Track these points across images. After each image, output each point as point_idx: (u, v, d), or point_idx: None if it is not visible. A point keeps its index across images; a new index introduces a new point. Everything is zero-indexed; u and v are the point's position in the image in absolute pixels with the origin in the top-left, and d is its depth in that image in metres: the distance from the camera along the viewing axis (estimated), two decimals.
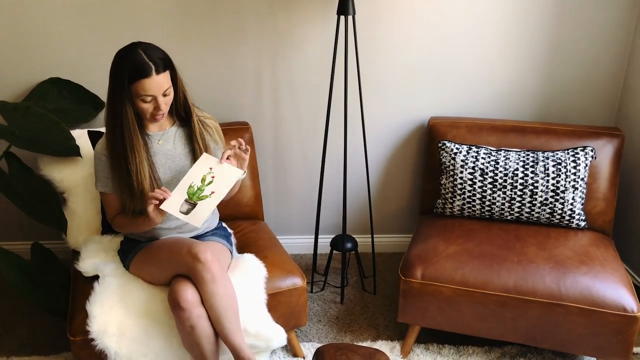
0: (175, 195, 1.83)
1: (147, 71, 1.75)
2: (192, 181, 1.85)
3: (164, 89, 1.80)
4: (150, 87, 1.77)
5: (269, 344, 1.95)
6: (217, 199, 1.85)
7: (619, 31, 2.56)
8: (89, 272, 2.00)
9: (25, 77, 2.49)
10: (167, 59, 1.82)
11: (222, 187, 1.86)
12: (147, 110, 1.82)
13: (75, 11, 2.42)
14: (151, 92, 1.78)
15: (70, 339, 1.84)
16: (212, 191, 1.85)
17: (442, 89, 2.65)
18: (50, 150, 2.18)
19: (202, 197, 1.84)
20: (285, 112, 2.66)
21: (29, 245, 2.32)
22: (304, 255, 2.90)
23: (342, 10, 2.24)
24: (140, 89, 1.76)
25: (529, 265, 2.04)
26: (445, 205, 2.41)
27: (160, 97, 1.80)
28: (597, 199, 2.34)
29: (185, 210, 1.82)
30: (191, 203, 1.82)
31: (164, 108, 1.83)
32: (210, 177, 1.86)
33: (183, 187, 1.85)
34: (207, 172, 1.87)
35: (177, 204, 1.82)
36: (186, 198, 1.83)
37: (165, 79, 1.80)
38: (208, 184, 1.86)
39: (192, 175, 1.86)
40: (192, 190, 1.84)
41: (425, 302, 2.08)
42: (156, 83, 1.77)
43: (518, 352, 2.22)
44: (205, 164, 1.89)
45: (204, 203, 1.83)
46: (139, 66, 1.75)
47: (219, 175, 1.87)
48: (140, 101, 1.80)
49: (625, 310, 1.91)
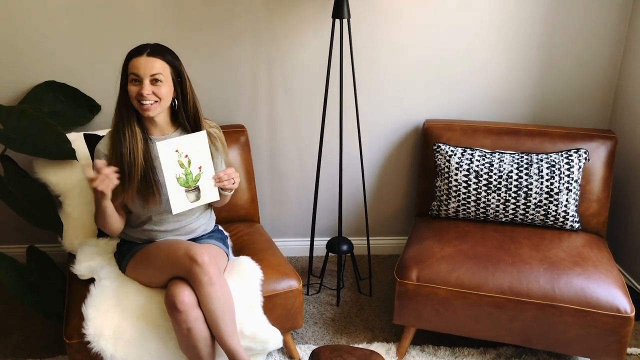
0: (174, 195, 1.82)
1: (140, 50, 1.82)
2: (175, 174, 1.83)
3: (152, 72, 1.80)
4: (138, 64, 1.80)
5: (265, 347, 1.95)
6: (210, 168, 1.85)
7: (612, 34, 2.58)
8: (84, 275, 2.00)
9: (20, 80, 2.49)
10: (173, 60, 1.86)
11: (202, 156, 1.85)
12: (133, 94, 1.82)
13: (71, 14, 2.42)
14: (137, 71, 1.80)
15: (66, 342, 1.84)
16: (198, 166, 1.84)
17: (437, 91, 2.66)
18: (46, 154, 2.18)
19: (196, 178, 1.83)
20: (281, 114, 2.67)
21: (24, 248, 2.32)
22: (299, 257, 2.90)
23: (338, 13, 2.25)
24: (130, 67, 1.81)
25: (524, 267, 2.05)
26: (440, 207, 2.42)
27: (147, 81, 1.80)
28: (590, 200, 2.35)
29: (194, 198, 1.82)
30: (193, 189, 1.82)
31: (147, 95, 1.80)
32: (184, 158, 1.83)
33: (172, 184, 1.82)
34: (177, 156, 1.83)
35: (183, 199, 1.82)
36: (185, 189, 1.82)
37: (158, 65, 1.82)
38: (189, 164, 1.83)
39: (169, 171, 1.83)
40: (183, 180, 1.83)
41: (421, 304, 2.09)
42: (145, 62, 1.80)
43: (513, 353, 2.23)
44: (167, 151, 1.83)
45: (203, 180, 1.83)
46: (137, 47, 1.83)
47: (189, 150, 1.85)
48: (130, 84, 1.82)
49: (618, 311, 1.92)
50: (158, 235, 1.98)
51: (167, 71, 1.84)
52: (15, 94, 2.51)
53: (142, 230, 1.98)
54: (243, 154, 2.46)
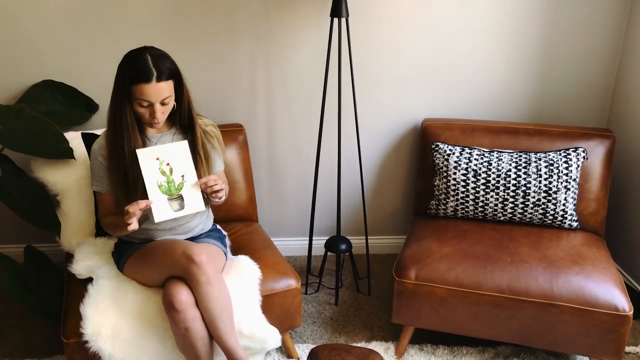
0: (156, 203, 1.80)
1: (148, 76, 1.76)
2: (156, 181, 1.81)
3: (162, 97, 1.80)
4: (148, 92, 1.77)
5: (263, 346, 1.95)
6: (193, 177, 1.83)
7: (611, 34, 2.58)
8: (82, 274, 1.99)
9: (18, 80, 2.49)
10: (174, 69, 1.83)
11: (184, 165, 1.83)
12: (144, 115, 1.83)
13: (68, 13, 2.41)
14: (148, 98, 1.78)
15: (63, 342, 1.83)
16: (181, 175, 1.83)
17: (436, 90, 2.66)
18: (43, 153, 2.18)
19: (179, 187, 1.82)
20: (279, 113, 2.66)
21: (22, 248, 2.31)
22: (298, 257, 2.90)
23: (336, 12, 2.25)
24: (139, 92, 1.77)
25: (522, 266, 2.05)
26: (438, 206, 2.42)
27: (158, 105, 1.81)
28: (589, 199, 2.35)
29: (177, 207, 1.81)
30: (176, 197, 1.81)
31: (159, 116, 1.83)
32: (166, 166, 1.82)
33: (154, 192, 1.80)
34: (158, 164, 1.82)
35: (166, 207, 1.81)
36: (168, 197, 1.81)
37: (167, 87, 1.80)
38: (171, 172, 1.82)
39: (151, 178, 1.81)
40: (165, 188, 1.81)
41: (419, 303, 2.09)
42: (155, 90, 1.77)
43: (512, 352, 2.23)
44: (149, 159, 1.81)
45: (186, 189, 1.82)
46: (142, 70, 1.76)
47: (170, 158, 1.83)
48: (137, 105, 1.81)
49: (617, 309, 1.93)
50: (156, 234, 1.98)
51: (172, 86, 1.84)
52: (13, 93, 2.50)
53: (139, 229, 1.97)
54: (241, 153, 2.46)
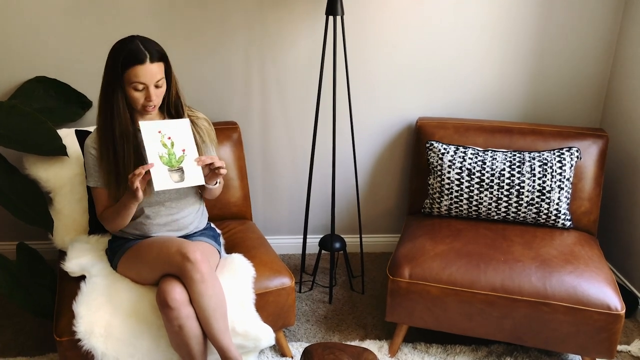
0: (157, 172, 1.79)
1: (141, 58, 1.77)
2: (157, 152, 1.81)
3: (156, 79, 1.80)
4: (143, 74, 1.77)
5: (257, 344, 1.95)
6: (194, 152, 1.84)
7: (604, 34, 2.60)
8: (75, 272, 1.98)
9: (11, 76, 2.47)
10: (163, 52, 1.84)
11: (186, 141, 1.85)
12: (139, 100, 1.82)
13: (62, 9, 2.40)
14: (143, 80, 1.78)
15: (56, 340, 1.82)
16: (182, 149, 1.84)
17: (430, 89, 2.66)
18: (36, 150, 2.16)
19: (180, 159, 1.82)
20: (274, 111, 2.66)
21: (14, 245, 2.30)
22: (292, 255, 2.90)
23: (331, 10, 2.24)
24: (133, 75, 1.77)
25: (516, 265, 2.06)
26: (432, 205, 2.43)
27: (152, 87, 1.81)
28: (582, 199, 2.36)
29: (178, 178, 1.81)
30: (176, 169, 1.81)
31: (154, 99, 1.83)
32: (167, 139, 1.83)
33: (155, 161, 1.80)
34: (160, 137, 1.83)
35: (166, 177, 1.80)
36: (168, 168, 1.81)
37: (159, 69, 1.81)
38: (172, 145, 1.83)
39: (152, 150, 1.81)
40: (166, 159, 1.81)
41: (413, 302, 2.09)
42: (149, 71, 1.78)
43: (504, 350, 2.24)
44: (150, 131, 1.82)
45: (187, 162, 1.82)
46: (134, 53, 1.77)
47: (172, 133, 1.85)
48: (132, 89, 1.80)
49: (609, 308, 1.94)
50: (151, 229, 1.97)
51: (163, 68, 1.84)
52: (5, 90, 2.49)
53: (134, 223, 1.97)
54: (236, 150, 2.46)
